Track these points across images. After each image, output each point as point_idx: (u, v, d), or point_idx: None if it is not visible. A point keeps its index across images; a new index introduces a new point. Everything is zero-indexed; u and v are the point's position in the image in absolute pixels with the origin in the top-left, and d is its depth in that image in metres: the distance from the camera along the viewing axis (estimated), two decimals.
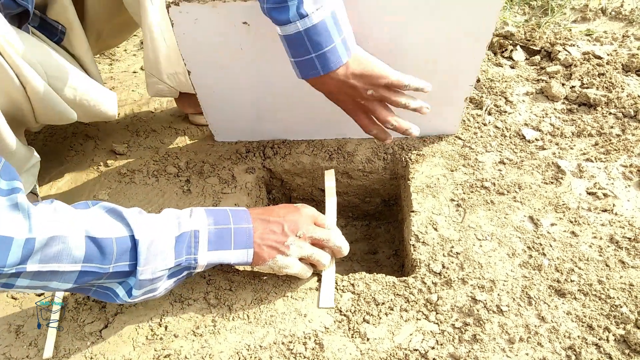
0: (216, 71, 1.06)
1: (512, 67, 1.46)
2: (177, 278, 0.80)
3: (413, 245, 0.97)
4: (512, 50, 1.52)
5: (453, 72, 1.04)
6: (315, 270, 0.92)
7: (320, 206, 1.07)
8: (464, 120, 1.24)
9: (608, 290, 0.87)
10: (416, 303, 0.87)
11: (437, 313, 0.85)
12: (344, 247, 0.90)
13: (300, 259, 0.86)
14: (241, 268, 0.95)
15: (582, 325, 0.82)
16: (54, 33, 1.05)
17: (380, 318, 0.85)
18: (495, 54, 1.52)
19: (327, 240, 0.87)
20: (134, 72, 1.63)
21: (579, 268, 0.90)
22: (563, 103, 1.29)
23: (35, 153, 1.06)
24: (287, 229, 0.84)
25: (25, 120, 0.98)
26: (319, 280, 0.92)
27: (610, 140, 1.16)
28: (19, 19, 0.93)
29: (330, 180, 1.07)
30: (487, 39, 0.97)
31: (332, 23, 0.81)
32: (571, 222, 0.99)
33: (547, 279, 0.89)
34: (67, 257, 0.67)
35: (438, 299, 0.86)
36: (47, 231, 0.65)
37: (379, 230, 1.36)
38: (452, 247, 0.95)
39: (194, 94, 1.15)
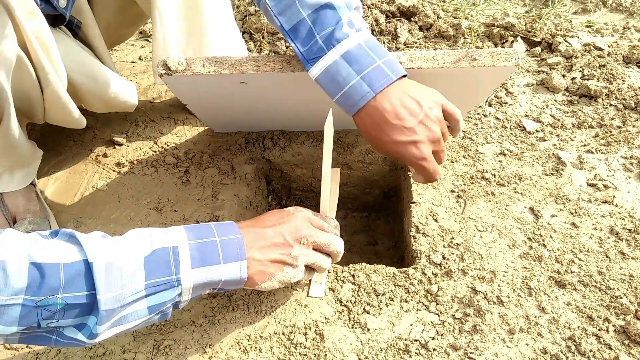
0: (213, 103, 1.06)
1: None
2: (160, 311, 0.66)
3: (413, 236, 0.96)
4: (512, 42, 1.51)
5: (463, 98, 1.04)
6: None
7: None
8: None
9: (608, 281, 0.87)
10: (416, 294, 0.86)
11: (437, 304, 0.85)
12: (342, 251, 0.82)
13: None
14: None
15: (582, 316, 0.82)
16: (70, 27, 1.05)
17: (380, 309, 0.85)
18: (495, 45, 1.51)
19: (329, 244, 0.78)
20: (132, 62, 1.62)
21: (579, 259, 0.90)
22: (564, 94, 1.29)
23: (37, 148, 1.08)
24: (289, 238, 0.74)
25: (32, 116, 0.99)
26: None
27: (610, 131, 1.16)
28: (53, 19, 0.94)
29: (335, 178, 1.02)
30: (501, 81, 0.96)
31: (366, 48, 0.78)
32: (571, 213, 0.99)
33: (548, 270, 0.89)
34: (5, 287, 0.55)
35: (438, 290, 0.86)
36: None
37: (378, 222, 1.36)
38: (453, 238, 0.95)
39: None
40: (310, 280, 0.89)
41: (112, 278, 0.60)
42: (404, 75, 0.80)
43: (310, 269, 0.81)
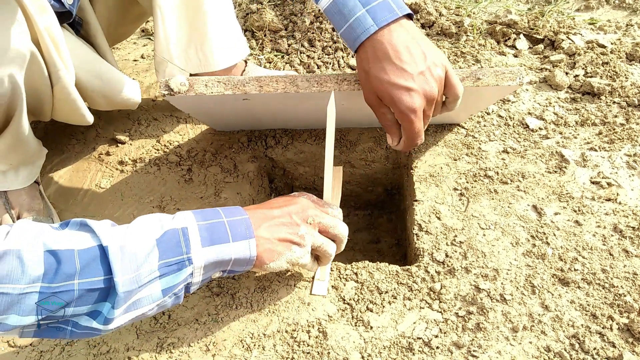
0: (215, 113, 1.07)
1: (516, 56, 1.45)
2: (173, 293, 0.67)
3: (416, 234, 0.96)
4: (515, 39, 1.51)
5: (466, 108, 1.04)
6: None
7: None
8: None
9: (612, 279, 0.86)
10: (419, 292, 0.86)
11: (440, 302, 0.85)
12: (346, 236, 0.82)
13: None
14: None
15: (586, 314, 0.82)
16: (72, 25, 1.06)
17: (383, 307, 0.85)
18: (498, 42, 1.51)
19: (334, 227, 0.79)
20: (134, 61, 1.62)
21: (583, 257, 0.90)
22: (567, 92, 1.29)
23: (43, 146, 1.09)
24: (296, 218, 0.75)
25: (40, 113, 0.99)
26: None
27: (614, 129, 1.15)
28: (58, 16, 0.94)
29: (338, 176, 1.02)
30: (505, 95, 0.96)
31: None
32: (575, 211, 0.98)
33: (551, 267, 0.89)
34: (22, 275, 0.55)
35: (441, 288, 0.86)
36: None
37: (381, 220, 1.36)
38: (456, 236, 0.95)
39: (201, 76, 1.15)
40: (313, 278, 0.89)
41: (127, 260, 0.60)
42: (410, 16, 0.79)
43: (315, 258, 0.82)
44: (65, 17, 0.97)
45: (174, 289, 0.66)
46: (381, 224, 1.35)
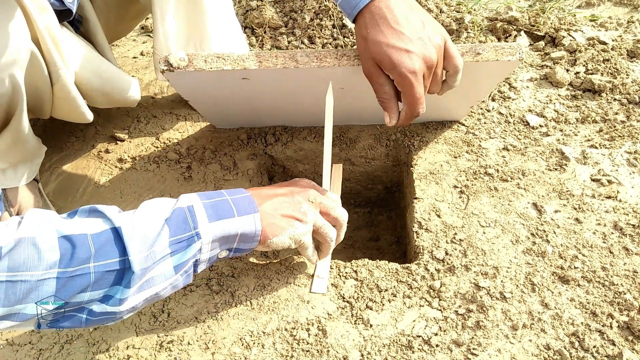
0: (214, 98, 1.05)
1: None
2: (184, 270, 0.68)
3: (416, 232, 0.96)
4: (516, 36, 1.50)
5: (467, 92, 1.03)
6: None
7: None
8: None
9: (612, 277, 0.86)
10: (419, 290, 0.86)
11: (440, 299, 0.85)
12: (346, 219, 0.84)
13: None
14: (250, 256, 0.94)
15: (586, 312, 0.82)
16: (72, 23, 1.06)
17: (383, 304, 0.85)
18: (499, 39, 1.50)
19: (334, 208, 0.81)
20: (134, 58, 1.61)
21: (583, 255, 0.90)
22: (567, 89, 1.28)
23: (42, 144, 1.09)
24: (299, 196, 0.78)
25: (40, 111, 0.99)
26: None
27: (614, 126, 1.15)
28: (58, 14, 0.94)
29: (338, 174, 1.02)
30: (505, 76, 0.97)
31: None
32: (575, 208, 0.98)
33: (551, 265, 0.89)
34: (39, 262, 0.56)
35: (441, 286, 0.86)
36: (13, 234, 0.56)
37: (381, 218, 1.36)
38: (456, 234, 0.94)
39: None
40: (312, 276, 0.89)
41: (140, 240, 0.62)
42: None
43: (315, 247, 0.84)
44: (65, 15, 0.97)
45: (184, 266, 0.67)
46: (381, 221, 1.35)
